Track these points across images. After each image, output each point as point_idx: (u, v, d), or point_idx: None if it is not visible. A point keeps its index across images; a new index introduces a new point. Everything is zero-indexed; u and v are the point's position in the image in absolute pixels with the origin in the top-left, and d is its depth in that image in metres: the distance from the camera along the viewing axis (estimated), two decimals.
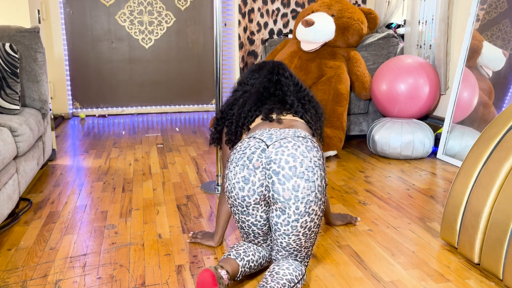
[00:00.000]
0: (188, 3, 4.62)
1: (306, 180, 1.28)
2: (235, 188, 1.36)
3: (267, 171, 1.31)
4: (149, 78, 4.70)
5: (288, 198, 1.29)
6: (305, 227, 1.32)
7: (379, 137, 2.94)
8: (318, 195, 1.31)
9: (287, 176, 1.28)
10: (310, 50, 3.26)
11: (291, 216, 1.30)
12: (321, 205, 1.33)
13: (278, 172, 1.29)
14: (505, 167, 1.47)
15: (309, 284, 1.45)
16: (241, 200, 1.36)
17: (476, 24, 2.84)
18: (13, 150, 1.87)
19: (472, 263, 1.60)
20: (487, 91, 2.72)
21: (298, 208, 1.29)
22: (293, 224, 1.31)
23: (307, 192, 1.29)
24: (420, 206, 2.13)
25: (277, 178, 1.29)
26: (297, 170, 1.28)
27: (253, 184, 1.33)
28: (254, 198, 1.34)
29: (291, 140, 1.33)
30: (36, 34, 2.47)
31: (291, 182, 1.28)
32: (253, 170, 1.33)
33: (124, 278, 1.48)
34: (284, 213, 1.31)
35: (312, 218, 1.32)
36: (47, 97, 2.58)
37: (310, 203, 1.30)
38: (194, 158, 2.97)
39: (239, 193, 1.35)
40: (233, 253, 1.39)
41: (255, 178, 1.32)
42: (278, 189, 1.29)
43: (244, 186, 1.34)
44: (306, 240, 1.36)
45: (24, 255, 1.64)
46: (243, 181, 1.34)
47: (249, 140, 1.39)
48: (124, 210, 2.07)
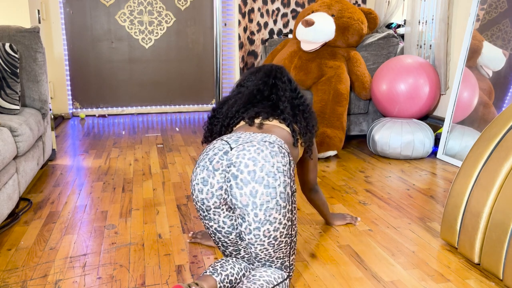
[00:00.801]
0: (188, 3, 4.62)
1: (265, 186, 1.21)
2: (195, 190, 1.31)
3: (227, 173, 1.26)
4: (149, 78, 4.70)
5: (245, 204, 1.23)
6: (269, 237, 1.25)
7: (379, 137, 2.94)
8: (280, 202, 1.23)
9: (245, 180, 1.22)
10: (310, 50, 3.26)
11: (251, 224, 1.24)
12: (286, 213, 1.26)
13: (236, 175, 1.23)
14: (505, 167, 1.47)
15: (309, 284, 1.45)
16: (201, 203, 1.31)
17: (476, 24, 2.84)
18: (13, 150, 1.87)
19: (472, 263, 1.59)
20: (487, 91, 2.72)
21: (257, 216, 1.23)
22: (255, 233, 1.25)
23: (266, 198, 1.21)
24: (420, 206, 2.13)
25: (235, 182, 1.23)
26: (256, 175, 1.22)
27: (211, 186, 1.28)
28: (213, 202, 1.29)
29: (256, 144, 1.27)
30: (36, 34, 2.47)
31: (249, 187, 1.22)
32: (212, 172, 1.28)
33: (124, 278, 1.48)
34: (244, 220, 1.25)
35: (275, 227, 1.25)
36: (47, 97, 2.58)
37: (271, 211, 1.22)
38: (194, 158, 2.97)
39: (199, 195, 1.30)
40: (209, 269, 1.34)
41: (214, 180, 1.27)
42: (235, 194, 1.23)
43: (203, 188, 1.29)
44: (275, 250, 1.29)
45: (24, 255, 1.64)
46: (202, 182, 1.29)
47: (215, 142, 1.35)
48: (124, 210, 2.07)
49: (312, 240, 1.77)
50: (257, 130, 1.43)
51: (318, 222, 1.94)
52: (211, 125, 1.62)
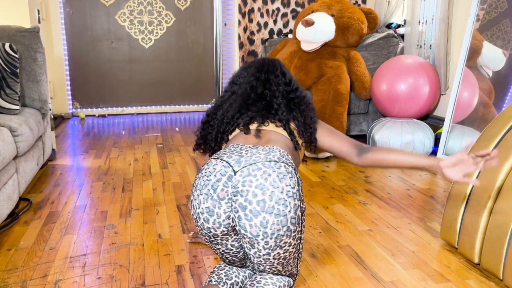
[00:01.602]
0: (188, 3, 4.61)
1: (276, 215, 1.15)
2: (200, 218, 1.23)
3: (233, 203, 1.18)
4: (149, 78, 4.70)
5: (256, 235, 1.17)
6: (279, 258, 1.22)
7: (379, 137, 2.93)
8: (291, 228, 1.18)
9: (255, 211, 1.15)
10: (310, 50, 3.26)
11: (261, 251, 1.19)
12: (296, 234, 1.21)
13: (245, 206, 1.16)
14: (505, 167, 1.47)
15: (309, 284, 1.45)
16: (207, 231, 1.24)
17: (476, 24, 2.84)
18: (13, 150, 1.87)
19: (472, 263, 1.59)
20: (487, 91, 2.72)
21: (267, 243, 1.18)
22: (264, 257, 1.21)
23: (277, 227, 1.16)
24: (420, 206, 2.13)
25: (243, 213, 1.16)
26: (266, 205, 1.15)
27: (218, 217, 1.20)
28: (220, 231, 1.22)
29: (261, 167, 1.19)
30: (36, 34, 2.47)
31: (259, 218, 1.15)
32: (218, 201, 1.19)
33: (124, 278, 1.48)
34: (253, 247, 1.20)
35: (285, 250, 1.21)
36: (47, 97, 2.58)
37: (281, 237, 1.18)
38: (194, 158, 2.97)
39: (204, 224, 1.23)
40: (214, 278, 1.30)
41: (220, 210, 1.19)
42: (245, 225, 1.17)
43: (209, 218, 1.21)
44: (284, 266, 1.27)
45: (24, 255, 1.64)
46: (207, 212, 1.21)
47: (215, 163, 1.25)
48: (124, 210, 2.07)
49: (312, 240, 1.77)
50: (255, 141, 1.36)
51: (318, 222, 1.94)
52: (204, 131, 1.52)
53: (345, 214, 2.03)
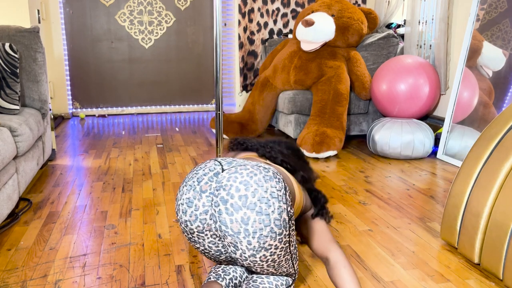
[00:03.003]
0: (188, 3, 4.61)
1: (258, 213, 1.12)
2: (179, 210, 1.22)
3: (215, 197, 1.16)
4: (149, 78, 4.70)
5: (237, 232, 1.13)
6: (267, 261, 1.18)
7: (379, 137, 2.93)
8: (275, 230, 1.13)
9: (236, 206, 1.13)
10: (310, 50, 3.26)
11: (246, 252, 1.15)
12: (283, 238, 1.16)
13: (226, 200, 1.14)
14: (505, 167, 1.47)
15: (309, 284, 1.45)
16: (184, 225, 1.22)
17: (476, 24, 2.84)
18: (12, 150, 1.87)
19: (472, 263, 1.59)
20: (487, 91, 2.72)
21: (250, 243, 1.13)
22: (251, 260, 1.17)
23: (259, 226, 1.12)
24: (420, 206, 2.13)
25: (224, 207, 1.14)
26: (247, 201, 1.12)
27: (196, 209, 1.19)
28: (196, 225, 1.20)
29: (249, 168, 1.19)
30: (36, 34, 2.47)
31: (240, 213, 1.12)
32: (199, 193, 1.19)
33: (124, 278, 1.48)
34: (237, 248, 1.16)
35: (272, 252, 1.16)
36: (47, 97, 2.58)
37: (265, 238, 1.13)
38: (194, 158, 2.97)
39: (182, 216, 1.21)
40: (212, 275, 1.29)
41: (199, 202, 1.19)
42: (225, 220, 1.14)
43: (187, 209, 1.20)
44: (276, 268, 1.23)
45: (24, 255, 1.64)
46: (187, 203, 1.20)
47: (208, 161, 1.27)
48: (124, 210, 2.07)
49: None
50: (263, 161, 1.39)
51: None
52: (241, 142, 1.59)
53: (345, 214, 2.03)
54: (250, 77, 4.39)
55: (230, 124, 3.50)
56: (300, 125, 3.25)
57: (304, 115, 3.24)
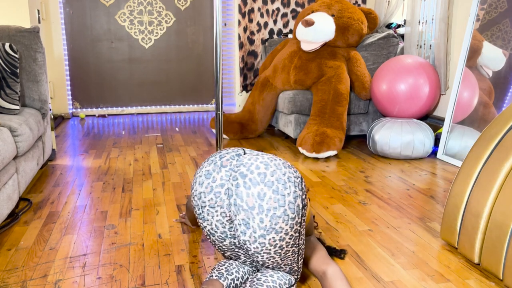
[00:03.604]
0: (188, 3, 4.61)
1: (274, 191, 1.16)
2: (196, 182, 1.27)
3: (234, 172, 1.21)
4: (149, 78, 4.70)
5: (251, 206, 1.16)
6: (275, 245, 1.19)
7: (379, 137, 2.93)
8: (288, 212, 1.16)
9: (254, 181, 1.17)
10: (310, 50, 3.26)
11: (256, 231, 1.17)
12: (294, 225, 1.19)
13: (245, 174, 1.18)
14: (505, 167, 1.47)
15: (309, 285, 1.45)
16: (198, 198, 1.26)
17: (476, 24, 2.84)
18: (13, 150, 1.87)
19: (472, 263, 1.59)
20: (487, 91, 2.72)
21: (262, 221, 1.16)
22: (260, 241, 1.18)
23: (273, 204, 1.15)
24: (420, 206, 2.13)
25: (242, 181, 1.18)
26: (266, 178, 1.17)
27: (213, 181, 1.23)
28: (209, 198, 1.23)
29: (271, 155, 1.25)
30: (36, 34, 2.47)
31: (257, 188, 1.16)
32: (219, 167, 1.24)
33: (124, 278, 1.48)
34: (248, 227, 1.18)
35: (281, 237, 1.18)
36: (47, 97, 2.58)
37: (277, 219, 1.15)
38: (194, 158, 2.97)
39: (198, 188, 1.25)
40: (215, 273, 1.30)
41: (218, 175, 1.23)
42: (242, 194, 1.17)
43: (204, 181, 1.24)
44: (282, 258, 1.24)
45: (24, 255, 1.64)
46: (205, 175, 1.25)
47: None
48: (124, 210, 2.07)
49: None
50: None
51: (318, 222, 1.94)
52: None
53: (345, 214, 2.03)
54: (250, 77, 4.39)
55: (230, 124, 3.50)
56: (300, 125, 3.25)
57: (304, 115, 3.24)
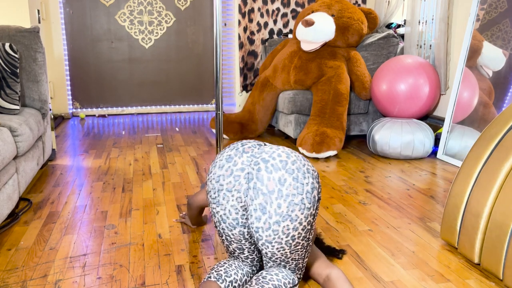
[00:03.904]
0: (188, 3, 4.62)
1: (294, 179, 1.19)
2: (215, 166, 1.29)
3: (255, 158, 1.24)
4: (149, 78, 4.70)
5: (271, 190, 1.19)
6: (288, 235, 1.21)
7: (379, 137, 2.93)
8: (305, 201, 1.19)
9: (276, 166, 1.20)
10: (310, 50, 3.26)
11: (272, 217, 1.19)
12: (308, 216, 1.22)
13: (267, 160, 1.22)
14: (505, 167, 1.47)
15: (309, 284, 1.45)
16: (216, 181, 1.27)
17: (476, 24, 2.84)
18: (13, 150, 1.87)
19: (472, 263, 1.59)
20: (487, 91, 2.72)
21: (280, 207, 1.18)
22: (274, 228, 1.20)
23: (292, 191, 1.18)
24: (420, 206, 2.13)
25: (264, 166, 1.21)
26: (287, 165, 1.20)
27: (234, 164, 1.25)
28: (228, 181, 1.25)
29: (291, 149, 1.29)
30: (36, 34, 2.47)
31: (279, 173, 1.19)
32: (241, 153, 1.27)
33: (124, 278, 1.48)
34: (264, 212, 1.20)
35: (295, 226, 1.20)
36: (47, 97, 2.58)
37: (294, 206, 1.19)
38: (194, 158, 2.97)
39: (217, 171, 1.27)
40: (213, 275, 1.29)
41: (239, 159, 1.26)
42: (263, 177, 1.20)
43: (225, 164, 1.27)
44: (291, 251, 1.26)
45: (24, 255, 1.64)
46: (226, 158, 1.28)
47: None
48: (124, 210, 2.07)
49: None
50: None
51: (318, 222, 1.94)
52: None
53: (345, 214, 2.03)
54: (250, 77, 4.39)
55: (230, 124, 3.50)
56: (300, 125, 3.25)
57: (304, 115, 3.25)
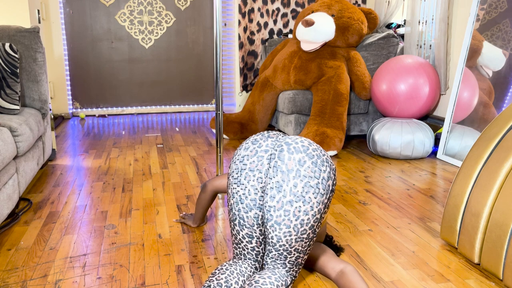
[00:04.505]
0: (188, 3, 4.62)
1: (313, 163, 1.28)
2: (241, 148, 1.39)
3: (279, 142, 1.34)
4: (149, 78, 4.70)
5: (290, 169, 1.27)
6: (298, 218, 1.27)
7: (379, 137, 2.94)
8: (320, 187, 1.27)
9: (297, 149, 1.30)
10: (310, 50, 3.26)
11: (287, 195, 1.26)
12: (320, 203, 1.28)
13: (290, 143, 1.31)
14: (505, 167, 1.47)
15: (309, 284, 1.45)
16: (240, 161, 1.36)
17: (476, 24, 2.84)
18: (13, 150, 1.87)
19: (472, 263, 1.59)
20: (487, 91, 2.72)
21: (296, 186, 1.26)
22: (286, 208, 1.27)
23: (310, 174, 1.27)
24: (420, 206, 2.13)
25: (287, 147, 1.30)
26: (308, 150, 1.29)
27: (259, 146, 1.35)
28: (251, 161, 1.34)
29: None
30: (36, 34, 2.47)
31: (299, 155, 1.29)
32: (266, 137, 1.38)
33: (124, 278, 1.48)
34: (280, 190, 1.27)
35: (306, 210, 1.26)
36: (47, 97, 2.58)
37: (310, 188, 1.26)
38: (194, 158, 2.97)
39: (242, 152, 1.37)
40: (213, 283, 1.30)
41: (264, 142, 1.36)
42: (284, 157, 1.29)
43: (250, 146, 1.37)
44: (297, 238, 1.29)
45: (24, 255, 1.64)
46: (252, 141, 1.38)
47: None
48: (124, 210, 2.07)
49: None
50: None
51: None
52: None
53: (345, 214, 2.03)
54: (250, 77, 4.39)
55: (230, 124, 3.50)
56: (300, 125, 3.25)
57: (304, 115, 3.25)
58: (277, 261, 1.34)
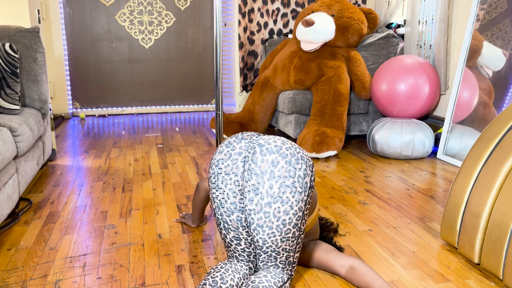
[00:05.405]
0: (188, 3, 4.62)
1: (287, 162, 1.26)
2: (216, 152, 1.38)
3: (252, 143, 1.33)
4: (149, 78, 4.70)
5: (264, 171, 1.26)
6: (278, 218, 1.26)
7: (379, 137, 2.93)
8: (296, 185, 1.26)
9: (270, 150, 1.28)
10: (310, 50, 3.26)
11: (264, 198, 1.25)
12: (300, 201, 1.27)
13: (263, 145, 1.30)
14: (505, 167, 1.47)
15: (309, 284, 1.45)
16: (215, 165, 1.36)
17: (476, 24, 2.84)
18: (13, 150, 1.87)
19: (472, 263, 1.59)
20: (487, 91, 2.72)
21: (271, 188, 1.25)
22: (265, 210, 1.26)
23: (284, 173, 1.25)
24: (420, 206, 2.13)
25: (259, 149, 1.29)
26: (281, 150, 1.28)
27: (232, 149, 1.34)
28: (226, 164, 1.33)
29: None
30: (36, 34, 2.47)
31: (272, 156, 1.27)
32: (240, 139, 1.36)
33: (124, 278, 1.48)
34: (257, 193, 1.26)
35: (286, 210, 1.25)
36: (47, 97, 2.58)
37: (286, 188, 1.25)
38: (194, 158, 2.97)
39: (217, 156, 1.36)
40: (209, 281, 1.30)
41: (237, 145, 1.35)
42: (257, 159, 1.28)
43: (224, 149, 1.36)
44: (282, 238, 1.29)
45: (24, 255, 1.64)
46: (226, 144, 1.37)
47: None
48: (124, 210, 2.07)
49: None
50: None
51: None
52: None
53: (345, 214, 2.03)
54: (250, 77, 4.39)
55: (230, 124, 3.50)
56: (300, 125, 3.25)
57: (304, 115, 3.25)
58: (268, 263, 1.34)
